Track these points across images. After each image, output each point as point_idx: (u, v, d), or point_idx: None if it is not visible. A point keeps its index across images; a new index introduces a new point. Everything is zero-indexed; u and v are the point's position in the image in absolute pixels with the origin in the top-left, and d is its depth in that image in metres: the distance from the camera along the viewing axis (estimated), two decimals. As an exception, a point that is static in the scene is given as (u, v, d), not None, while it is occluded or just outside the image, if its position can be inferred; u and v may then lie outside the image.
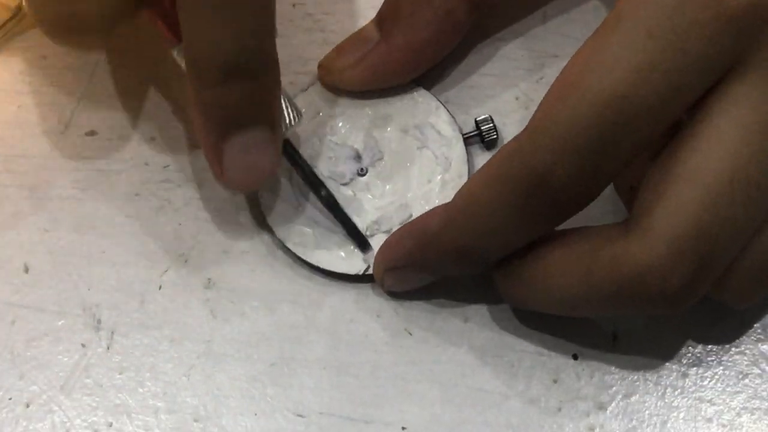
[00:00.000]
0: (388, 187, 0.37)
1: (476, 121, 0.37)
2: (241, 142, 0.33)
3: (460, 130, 0.37)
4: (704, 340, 0.34)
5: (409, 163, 0.37)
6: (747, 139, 0.28)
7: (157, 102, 0.39)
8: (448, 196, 0.36)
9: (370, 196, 0.37)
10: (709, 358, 0.34)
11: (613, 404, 0.34)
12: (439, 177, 0.37)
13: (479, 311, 0.35)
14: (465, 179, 0.37)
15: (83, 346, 0.35)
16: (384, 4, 0.37)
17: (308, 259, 0.36)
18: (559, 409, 0.34)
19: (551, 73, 0.39)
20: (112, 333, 0.36)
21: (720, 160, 0.28)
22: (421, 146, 0.37)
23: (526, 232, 0.31)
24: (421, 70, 0.37)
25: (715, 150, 0.28)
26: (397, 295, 0.35)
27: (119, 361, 0.35)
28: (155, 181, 0.38)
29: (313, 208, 0.36)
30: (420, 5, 0.36)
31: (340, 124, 0.38)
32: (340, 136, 0.38)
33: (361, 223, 0.36)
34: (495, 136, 0.37)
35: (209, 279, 0.36)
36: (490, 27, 0.39)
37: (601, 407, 0.34)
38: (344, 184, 0.37)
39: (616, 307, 0.30)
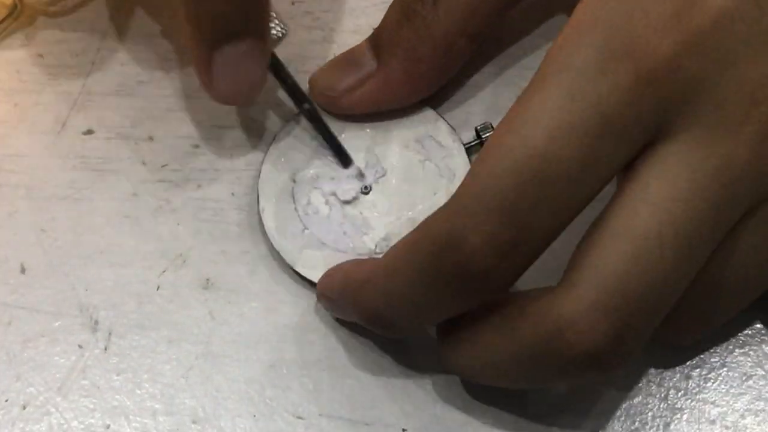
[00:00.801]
0: (394, 203, 0.37)
1: (477, 130, 0.37)
2: (231, 52, 0.34)
3: (461, 139, 0.37)
4: (707, 341, 0.34)
5: (413, 178, 0.37)
6: (676, 195, 0.28)
7: (155, 101, 0.39)
8: None
9: (376, 214, 0.36)
10: (712, 360, 0.34)
11: (617, 406, 0.34)
12: (444, 189, 0.37)
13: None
14: None
15: (80, 347, 0.35)
16: (380, 29, 0.37)
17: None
18: (562, 411, 0.34)
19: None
20: (110, 334, 0.35)
21: (648, 216, 0.28)
22: (423, 159, 0.37)
23: (438, 304, 0.30)
24: (420, 98, 0.37)
25: (643, 206, 0.28)
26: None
27: (117, 362, 0.35)
28: (153, 180, 0.38)
29: (320, 230, 0.36)
30: (420, 39, 0.36)
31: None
32: None
33: (370, 241, 0.36)
34: None
35: (208, 279, 0.36)
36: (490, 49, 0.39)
37: (605, 409, 0.34)
38: (348, 203, 0.37)
39: (544, 368, 0.29)
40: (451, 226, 0.28)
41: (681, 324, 0.31)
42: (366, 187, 0.37)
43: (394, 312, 0.31)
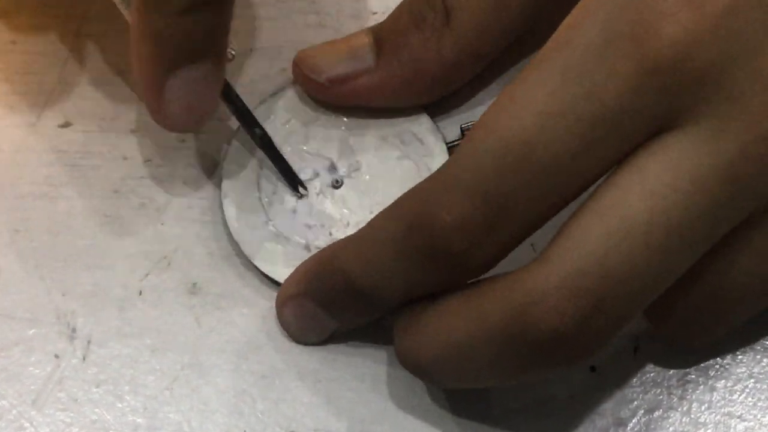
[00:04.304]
0: (365, 200, 0.36)
1: (462, 129, 0.37)
2: (187, 77, 0.33)
3: (444, 138, 0.37)
4: (733, 350, 0.34)
5: (389, 175, 0.37)
6: (675, 184, 0.27)
7: (138, 91, 0.39)
8: None
9: (346, 210, 0.36)
10: (738, 370, 0.34)
11: (634, 420, 0.34)
12: None
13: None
14: None
15: (57, 356, 0.35)
16: (386, 28, 0.37)
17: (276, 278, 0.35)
18: (576, 426, 0.34)
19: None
20: (89, 342, 0.35)
21: (640, 200, 0.28)
22: (401, 156, 0.37)
23: (408, 275, 0.30)
24: (412, 105, 0.37)
25: (637, 188, 0.28)
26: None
27: (96, 373, 0.35)
28: (135, 177, 0.38)
29: (283, 223, 0.36)
30: (426, 50, 0.36)
31: (313, 132, 0.37)
32: (313, 146, 0.37)
33: (335, 239, 0.36)
34: None
35: (194, 284, 0.36)
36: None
37: (621, 423, 0.34)
38: (316, 195, 0.36)
39: (508, 353, 0.29)
40: (424, 203, 0.29)
41: (689, 324, 0.31)
42: (337, 181, 0.37)
43: (366, 276, 0.31)
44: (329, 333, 0.34)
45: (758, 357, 0.34)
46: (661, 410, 0.34)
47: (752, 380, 0.34)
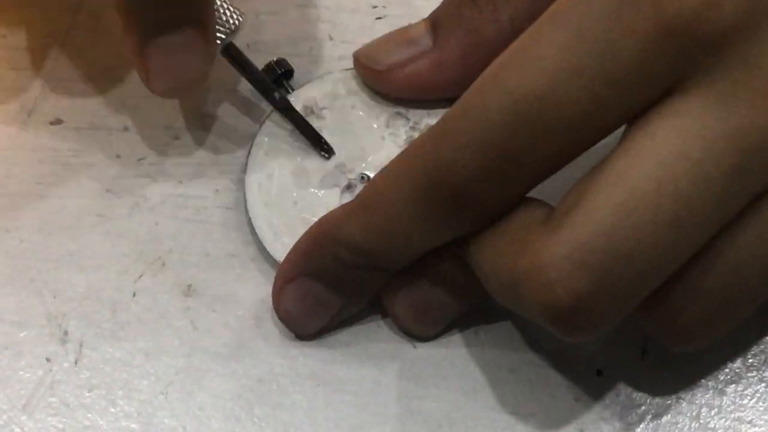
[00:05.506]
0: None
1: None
2: (167, 44, 0.34)
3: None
4: (743, 354, 0.34)
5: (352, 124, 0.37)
6: (683, 151, 0.27)
7: (131, 87, 0.39)
8: None
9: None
10: (749, 375, 0.34)
11: (642, 426, 0.33)
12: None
13: (492, 322, 0.35)
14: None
15: (48, 360, 0.35)
16: (440, 7, 0.37)
17: None
18: (581, 431, 0.33)
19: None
20: (81, 346, 0.35)
21: (649, 168, 0.28)
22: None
23: (428, 235, 0.31)
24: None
25: (646, 157, 0.28)
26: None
27: (88, 377, 0.35)
28: (129, 175, 0.38)
29: None
30: (484, 21, 0.36)
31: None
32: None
33: None
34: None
35: (189, 285, 0.36)
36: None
37: (629, 428, 0.33)
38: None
39: (515, 305, 0.30)
40: (440, 156, 0.30)
41: (685, 322, 0.30)
42: (363, 177, 0.37)
43: (380, 244, 0.32)
44: (332, 313, 0.34)
45: (769, 361, 0.34)
46: (669, 415, 0.33)
47: (763, 384, 0.34)
